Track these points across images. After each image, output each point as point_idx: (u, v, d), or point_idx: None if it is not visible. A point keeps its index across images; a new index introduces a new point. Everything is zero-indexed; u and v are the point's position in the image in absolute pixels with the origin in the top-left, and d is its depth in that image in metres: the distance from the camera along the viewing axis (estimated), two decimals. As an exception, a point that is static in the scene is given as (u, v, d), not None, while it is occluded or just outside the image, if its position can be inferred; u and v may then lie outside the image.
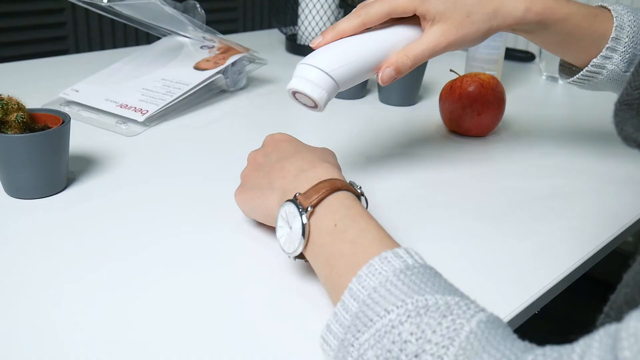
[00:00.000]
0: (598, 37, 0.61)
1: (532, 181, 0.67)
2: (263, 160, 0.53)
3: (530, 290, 0.48)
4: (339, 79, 0.54)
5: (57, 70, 1.02)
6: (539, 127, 0.85)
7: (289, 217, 0.45)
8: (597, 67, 0.62)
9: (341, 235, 0.42)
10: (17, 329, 0.41)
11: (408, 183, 0.65)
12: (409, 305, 0.34)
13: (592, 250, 0.54)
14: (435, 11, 0.55)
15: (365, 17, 0.55)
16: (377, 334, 0.34)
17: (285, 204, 0.45)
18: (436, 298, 0.35)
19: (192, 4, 0.93)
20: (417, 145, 0.76)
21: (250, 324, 0.42)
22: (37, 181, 0.57)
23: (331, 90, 0.54)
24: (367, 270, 0.37)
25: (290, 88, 0.54)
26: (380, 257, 0.38)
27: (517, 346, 0.32)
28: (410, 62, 0.56)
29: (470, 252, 0.53)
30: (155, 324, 0.42)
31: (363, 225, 0.42)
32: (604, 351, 0.26)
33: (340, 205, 0.44)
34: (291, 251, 0.45)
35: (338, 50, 0.55)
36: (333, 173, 0.46)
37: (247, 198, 0.53)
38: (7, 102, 0.56)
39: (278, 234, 0.46)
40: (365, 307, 0.36)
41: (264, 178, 0.51)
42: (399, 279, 0.36)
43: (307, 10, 1.17)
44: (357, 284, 0.37)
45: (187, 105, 0.85)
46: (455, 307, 0.34)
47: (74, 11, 1.24)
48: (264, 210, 0.50)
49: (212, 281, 0.47)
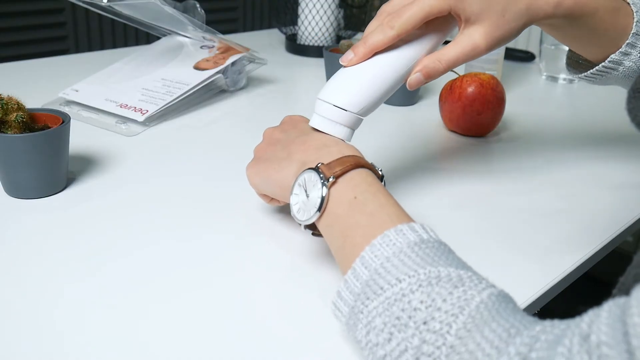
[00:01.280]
0: (619, 33, 0.59)
1: (532, 181, 0.67)
2: (281, 135, 0.52)
3: (530, 290, 0.48)
4: (363, 113, 0.51)
5: (57, 70, 1.02)
6: (538, 127, 0.85)
7: (307, 184, 0.44)
8: (614, 62, 0.60)
9: (360, 207, 0.42)
10: (17, 328, 0.41)
11: (407, 183, 0.65)
12: (420, 275, 0.35)
13: (592, 250, 0.54)
14: (470, 11, 0.51)
15: (401, 28, 0.49)
16: (387, 302, 0.35)
17: (306, 171, 0.45)
18: (449, 271, 0.35)
19: (192, 4, 0.93)
20: (417, 145, 0.76)
21: (254, 324, 0.42)
22: (37, 181, 0.57)
23: (355, 124, 0.51)
24: (382, 240, 0.38)
25: (311, 126, 0.51)
26: (396, 229, 0.38)
27: (526, 319, 0.32)
28: (443, 67, 0.51)
29: (469, 251, 0.52)
30: (155, 323, 0.42)
31: (383, 201, 0.42)
32: (613, 319, 0.27)
33: (362, 180, 0.44)
34: (304, 219, 0.44)
35: (363, 81, 0.50)
36: (356, 152, 0.47)
37: (262, 169, 0.51)
38: (7, 102, 0.56)
39: (292, 201, 0.45)
40: (377, 275, 0.36)
41: (282, 151, 0.50)
42: (413, 251, 0.37)
43: (307, 10, 1.17)
44: (370, 253, 0.37)
45: (187, 105, 0.85)
46: (467, 280, 0.34)
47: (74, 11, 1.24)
48: (279, 180, 0.49)
49: (212, 281, 0.47)
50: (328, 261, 0.50)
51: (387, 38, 0.50)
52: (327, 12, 1.16)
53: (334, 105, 0.50)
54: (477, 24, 0.51)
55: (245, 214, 0.57)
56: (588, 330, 0.27)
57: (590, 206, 0.62)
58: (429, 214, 0.59)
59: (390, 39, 0.50)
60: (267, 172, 0.50)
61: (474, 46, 0.51)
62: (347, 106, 0.50)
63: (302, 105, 0.92)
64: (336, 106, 0.50)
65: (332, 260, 0.49)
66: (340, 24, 1.22)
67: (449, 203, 0.61)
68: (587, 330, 0.27)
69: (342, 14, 1.20)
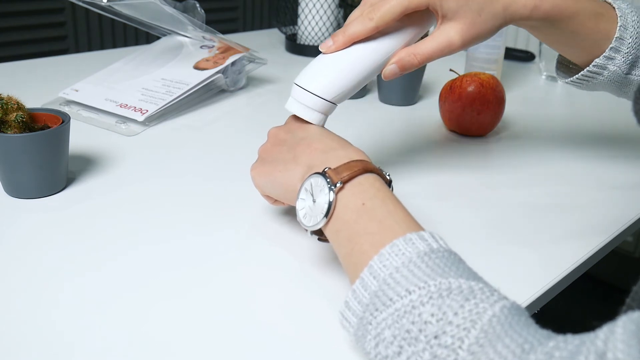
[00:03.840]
0: (602, 37, 0.59)
1: (531, 181, 0.67)
2: (287, 136, 0.51)
3: (531, 290, 0.48)
4: (338, 100, 0.52)
5: (57, 70, 1.02)
6: (538, 126, 0.85)
7: (314, 189, 0.44)
8: (598, 67, 0.61)
9: (368, 213, 0.41)
10: (17, 328, 0.41)
11: (407, 182, 0.65)
12: (431, 287, 0.34)
13: (592, 250, 0.54)
14: (447, 7, 0.52)
15: (380, 20, 0.51)
16: (396, 314, 0.34)
17: (312, 176, 0.44)
18: (460, 282, 0.34)
19: (192, 4, 0.93)
20: (417, 144, 0.76)
21: (254, 323, 0.42)
22: (37, 181, 0.57)
23: (329, 110, 0.52)
24: (390, 249, 0.37)
25: (287, 109, 0.53)
26: (405, 238, 0.37)
27: (540, 333, 0.32)
28: (417, 61, 0.53)
29: (468, 252, 0.52)
30: (155, 323, 0.42)
31: (391, 207, 0.41)
32: (628, 336, 0.26)
33: (371, 185, 0.43)
34: (310, 225, 0.43)
35: (338, 70, 0.52)
36: (363, 156, 0.46)
37: (266, 171, 0.50)
38: (6, 101, 0.56)
39: (298, 205, 0.45)
40: (386, 286, 0.36)
41: (288, 152, 0.49)
42: (423, 261, 0.36)
43: (307, 10, 1.17)
44: (379, 262, 0.37)
45: (187, 105, 0.85)
46: (479, 292, 0.34)
47: (74, 11, 1.24)
48: (285, 183, 0.48)
49: (212, 281, 0.47)
50: (334, 266, 0.49)
51: (366, 29, 0.51)
52: (327, 12, 1.16)
53: (308, 92, 0.51)
54: (454, 20, 0.53)
55: (246, 214, 0.57)
56: (604, 348, 0.27)
57: (590, 206, 0.62)
58: (427, 213, 0.59)
59: (369, 31, 0.51)
60: (273, 174, 0.50)
61: (449, 42, 0.53)
62: (322, 94, 0.51)
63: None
64: (311, 92, 0.51)
65: (338, 265, 0.49)
66: (340, 24, 1.22)
67: (449, 203, 0.61)
68: (603, 348, 0.27)
69: (342, 14, 1.20)
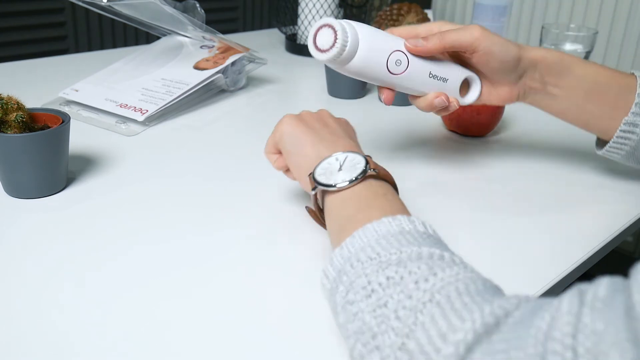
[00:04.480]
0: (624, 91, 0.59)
1: (531, 181, 0.67)
2: (335, 125, 0.53)
3: (530, 290, 0.48)
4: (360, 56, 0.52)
5: (57, 70, 1.02)
6: (538, 126, 0.85)
7: (346, 163, 0.46)
8: (630, 125, 0.59)
9: (385, 201, 0.44)
10: (17, 328, 0.41)
11: (407, 182, 0.65)
12: (423, 251, 0.36)
13: (592, 250, 0.54)
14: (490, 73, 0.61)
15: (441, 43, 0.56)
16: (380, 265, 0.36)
17: (352, 153, 0.47)
18: (450, 252, 0.37)
19: (192, 4, 0.93)
20: (417, 144, 0.76)
21: (254, 323, 0.42)
22: (37, 181, 0.57)
23: (351, 51, 0.52)
24: (393, 220, 0.39)
25: (325, 22, 0.52)
26: (410, 218, 0.40)
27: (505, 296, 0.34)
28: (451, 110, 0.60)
29: (468, 252, 0.52)
30: (155, 323, 0.42)
31: (403, 207, 0.44)
32: None
33: (393, 191, 0.46)
34: (323, 182, 0.45)
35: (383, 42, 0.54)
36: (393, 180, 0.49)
37: (304, 130, 0.51)
38: (6, 101, 0.56)
39: (321, 165, 0.47)
40: (376, 244, 0.37)
41: (331, 135, 0.51)
42: (419, 234, 0.38)
43: (307, 10, 1.17)
44: (376, 226, 0.39)
45: (187, 105, 0.85)
46: (448, 258, 0.36)
47: (74, 11, 1.24)
48: (313, 149, 0.49)
49: (212, 281, 0.47)
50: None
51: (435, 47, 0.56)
52: (327, 12, 1.16)
53: (356, 25, 0.52)
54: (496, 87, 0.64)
55: (246, 214, 0.57)
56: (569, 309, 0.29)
57: (590, 206, 0.62)
58: (427, 213, 0.59)
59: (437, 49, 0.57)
60: (306, 135, 0.51)
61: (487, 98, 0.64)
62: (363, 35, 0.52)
63: (302, 105, 0.92)
64: (356, 27, 0.52)
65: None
66: (340, 24, 1.22)
67: (449, 203, 0.61)
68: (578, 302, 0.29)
69: (342, 14, 1.20)
